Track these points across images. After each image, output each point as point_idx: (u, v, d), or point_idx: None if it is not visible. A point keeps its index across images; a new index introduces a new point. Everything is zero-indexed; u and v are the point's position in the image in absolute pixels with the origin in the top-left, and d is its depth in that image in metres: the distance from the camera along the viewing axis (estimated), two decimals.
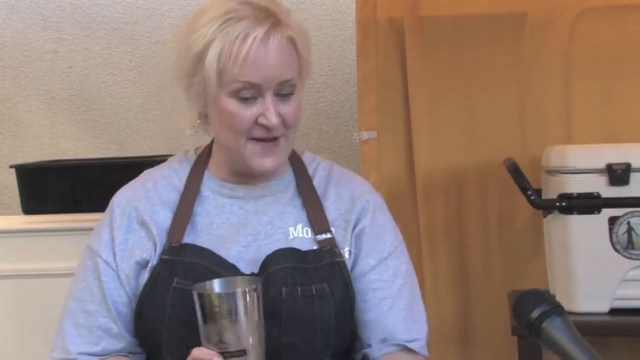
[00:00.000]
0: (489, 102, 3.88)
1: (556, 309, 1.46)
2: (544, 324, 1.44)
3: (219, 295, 1.72)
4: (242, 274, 1.90)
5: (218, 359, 1.66)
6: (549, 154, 3.60)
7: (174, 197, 1.99)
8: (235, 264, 1.89)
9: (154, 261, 1.94)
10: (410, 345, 1.91)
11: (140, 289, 1.93)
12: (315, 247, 1.92)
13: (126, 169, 3.70)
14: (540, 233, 3.66)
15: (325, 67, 4.19)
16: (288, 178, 2.02)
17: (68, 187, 3.92)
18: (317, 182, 2.02)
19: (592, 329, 3.17)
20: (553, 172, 3.53)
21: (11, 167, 3.92)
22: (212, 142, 2.06)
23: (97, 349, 1.92)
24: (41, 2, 4.42)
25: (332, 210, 1.98)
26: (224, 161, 1.99)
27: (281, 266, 1.87)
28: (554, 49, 3.94)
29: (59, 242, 3.77)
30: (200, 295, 1.71)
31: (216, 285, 1.80)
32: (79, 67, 4.39)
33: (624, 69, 3.85)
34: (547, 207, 3.47)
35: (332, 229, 1.95)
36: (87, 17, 4.37)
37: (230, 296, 1.70)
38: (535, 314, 1.45)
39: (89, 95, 4.40)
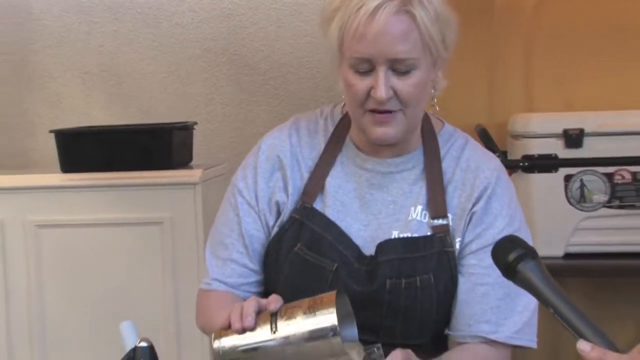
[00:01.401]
0: (462, 75, 3.76)
1: (530, 253, 1.40)
2: (519, 266, 1.37)
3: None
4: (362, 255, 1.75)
5: (252, 318, 1.55)
6: (514, 121, 3.66)
7: (314, 156, 1.85)
8: (355, 240, 1.77)
9: (284, 217, 1.85)
10: (492, 336, 1.72)
11: (270, 238, 1.88)
12: (429, 233, 1.76)
13: (149, 133, 3.81)
14: None
15: None
16: (417, 157, 1.82)
17: (100, 149, 3.92)
18: (446, 165, 1.81)
19: (549, 271, 3.20)
20: (517, 136, 3.59)
21: (51, 132, 3.92)
22: None
23: (229, 280, 1.87)
24: None
25: (454, 196, 1.79)
26: (356, 128, 1.86)
27: (389, 257, 1.74)
28: (519, 30, 3.95)
29: (92, 197, 3.80)
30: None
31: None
32: (109, 47, 4.38)
33: (580, 49, 3.85)
34: (511, 166, 3.47)
35: (449, 215, 1.78)
36: (115, 3, 4.36)
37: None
38: (511, 257, 1.38)
39: (118, 71, 4.39)
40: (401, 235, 1.75)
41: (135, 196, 3.78)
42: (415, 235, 1.74)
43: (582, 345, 1.26)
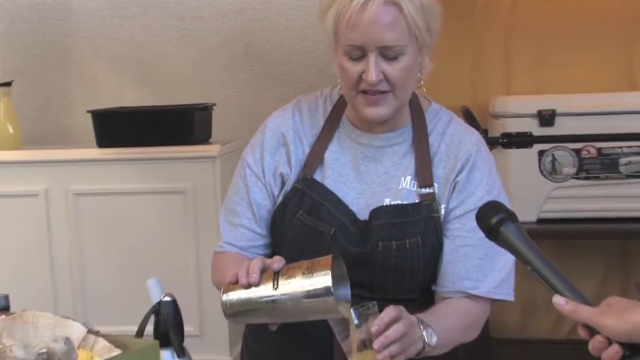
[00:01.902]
0: (449, 62, 3.85)
1: (510, 217, 1.43)
2: (501, 228, 1.41)
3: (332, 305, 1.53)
4: (356, 218, 1.76)
5: (257, 275, 1.58)
6: (494, 102, 3.72)
7: (314, 133, 1.86)
8: (350, 207, 1.77)
9: (288, 187, 1.86)
10: (474, 292, 1.74)
11: (276, 206, 1.88)
12: (417, 200, 1.77)
13: (174, 114, 3.90)
14: None
15: None
16: (406, 132, 1.82)
17: (131, 127, 3.96)
18: (432, 139, 1.81)
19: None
20: (497, 116, 3.66)
21: (88, 112, 3.97)
22: None
23: (239, 243, 1.88)
24: None
25: (439, 167, 1.79)
26: (350, 107, 1.85)
27: (381, 222, 1.75)
28: (498, 23, 4.00)
29: (124, 169, 3.87)
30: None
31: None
32: (138, 37, 4.43)
33: (552, 39, 3.90)
34: (492, 143, 3.48)
35: (435, 184, 1.78)
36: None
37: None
38: (494, 220, 1.42)
39: (146, 59, 4.43)
40: (392, 203, 1.76)
41: (161, 168, 3.85)
42: (404, 202, 1.76)
43: (557, 300, 1.30)
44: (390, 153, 1.80)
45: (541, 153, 3.55)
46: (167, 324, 1.49)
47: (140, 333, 1.53)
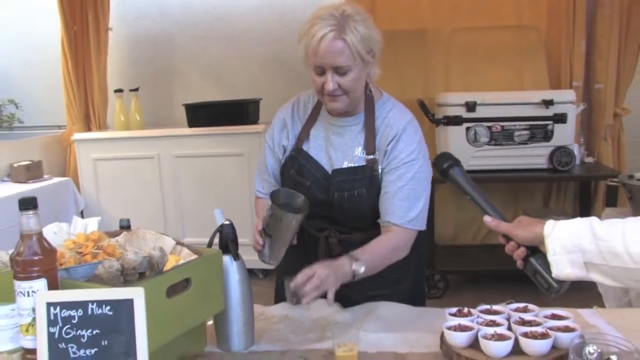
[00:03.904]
0: (409, 71, 4.25)
1: (457, 163, 1.42)
2: (450, 171, 1.40)
3: (279, 209, 1.59)
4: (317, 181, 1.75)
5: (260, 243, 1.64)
6: (438, 97, 4.01)
7: (305, 117, 1.83)
8: (323, 167, 1.77)
9: (287, 154, 1.83)
10: (396, 222, 1.70)
11: (280, 166, 1.85)
12: (364, 163, 1.74)
13: (236, 105, 4.21)
14: (434, 135, 4.01)
15: None
16: (360, 117, 1.77)
17: (209, 113, 4.32)
18: (377, 122, 1.76)
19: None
20: (440, 105, 3.94)
21: (182, 105, 4.36)
22: None
23: (264, 191, 1.89)
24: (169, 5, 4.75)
25: (379, 140, 1.74)
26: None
27: (339, 179, 1.73)
28: (441, 45, 4.30)
29: (205, 140, 4.23)
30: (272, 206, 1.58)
31: (282, 195, 1.65)
32: (213, 55, 4.77)
33: (475, 57, 4.22)
34: (437, 122, 3.88)
35: (376, 152, 1.74)
36: (215, 28, 4.73)
37: (284, 215, 1.59)
38: (445, 165, 1.41)
39: (218, 67, 4.80)
40: (348, 165, 1.75)
41: (228, 140, 4.19)
42: (355, 165, 1.75)
43: (486, 218, 1.34)
44: (349, 131, 1.78)
45: (467, 129, 3.82)
46: (227, 239, 1.50)
47: (209, 244, 1.57)
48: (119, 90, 4.50)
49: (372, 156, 1.73)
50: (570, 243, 1.21)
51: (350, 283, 1.59)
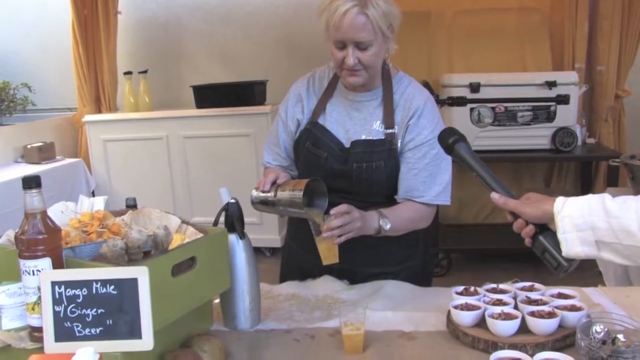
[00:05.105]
0: (415, 53, 4.19)
1: (462, 138, 1.36)
2: (455, 146, 1.34)
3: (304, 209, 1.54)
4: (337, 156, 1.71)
5: (268, 185, 1.62)
6: (443, 78, 3.94)
7: (321, 91, 1.79)
8: (340, 139, 1.73)
9: (302, 127, 1.79)
10: (420, 199, 1.68)
11: (295, 139, 1.81)
12: (382, 137, 1.70)
13: (243, 86, 4.15)
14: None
15: None
16: (378, 92, 1.74)
17: (216, 94, 4.22)
18: (396, 96, 1.72)
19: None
20: (445, 86, 3.88)
21: (190, 86, 4.31)
22: None
23: (273, 162, 1.87)
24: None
25: (398, 115, 1.70)
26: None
27: (357, 150, 1.70)
28: (445, 27, 4.23)
29: (213, 121, 4.20)
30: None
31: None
32: (220, 40, 4.73)
33: (478, 39, 4.15)
34: (442, 103, 3.81)
35: (395, 126, 1.70)
36: (223, 12, 4.70)
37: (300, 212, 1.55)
38: (450, 140, 1.35)
39: (226, 51, 4.75)
40: (366, 138, 1.72)
41: (235, 120, 4.15)
42: (374, 138, 1.71)
43: (494, 195, 1.27)
44: (367, 106, 1.75)
45: (471, 109, 3.77)
46: (233, 217, 1.47)
47: (215, 223, 1.52)
48: (128, 73, 4.47)
49: (390, 130, 1.70)
50: (582, 220, 1.14)
51: (358, 260, 1.56)
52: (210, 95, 4.21)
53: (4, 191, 3.33)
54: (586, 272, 2.30)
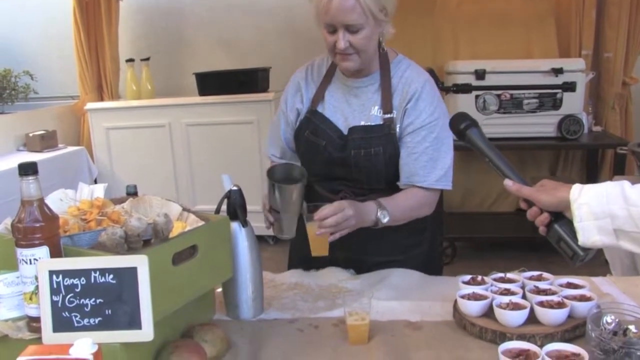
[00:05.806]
0: (419, 40, 4.15)
1: (474, 123, 1.32)
2: (467, 132, 1.30)
3: (280, 187, 1.53)
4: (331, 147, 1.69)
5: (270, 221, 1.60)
6: (448, 65, 3.92)
7: (319, 79, 1.78)
8: (338, 126, 1.71)
9: (301, 117, 1.78)
10: (421, 184, 1.65)
11: (295, 128, 1.80)
12: (381, 122, 1.67)
13: (246, 73, 4.14)
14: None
15: None
16: (376, 77, 1.71)
17: (219, 82, 4.23)
18: (394, 80, 1.69)
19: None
20: (450, 73, 3.86)
21: (193, 74, 4.29)
22: None
23: (276, 154, 1.87)
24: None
25: (396, 99, 1.67)
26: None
27: (354, 137, 1.68)
28: (450, 15, 4.19)
29: (215, 108, 4.18)
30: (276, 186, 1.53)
31: (280, 170, 1.60)
32: (222, 27, 4.67)
33: (483, 26, 4.11)
34: (447, 90, 3.79)
35: (393, 111, 1.67)
36: (226, 2, 4.64)
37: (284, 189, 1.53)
38: (462, 125, 1.31)
39: (228, 38, 4.72)
40: (365, 124, 1.69)
41: (238, 107, 4.13)
42: (372, 124, 1.68)
43: (507, 182, 1.23)
44: (365, 91, 1.72)
45: (477, 97, 3.75)
46: (235, 205, 1.44)
47: (217, 211, 1.49)
48: (131, 60, 4.44)
49: (389, 115, 1.67)
50: (599, 209, 1.10)
51: (364, 249, 1.53)
52: (213, 83, 4.19)
53: (6, 179, 3.30)
54: (593, 260, 2.26)
